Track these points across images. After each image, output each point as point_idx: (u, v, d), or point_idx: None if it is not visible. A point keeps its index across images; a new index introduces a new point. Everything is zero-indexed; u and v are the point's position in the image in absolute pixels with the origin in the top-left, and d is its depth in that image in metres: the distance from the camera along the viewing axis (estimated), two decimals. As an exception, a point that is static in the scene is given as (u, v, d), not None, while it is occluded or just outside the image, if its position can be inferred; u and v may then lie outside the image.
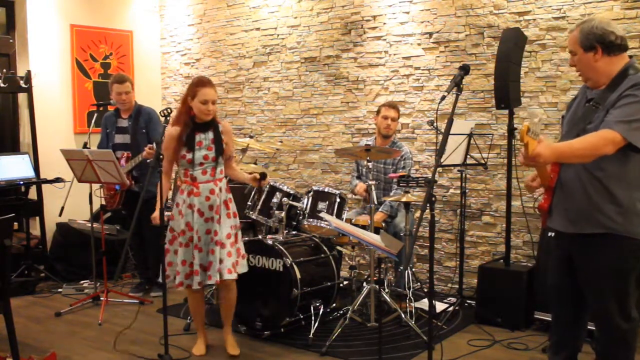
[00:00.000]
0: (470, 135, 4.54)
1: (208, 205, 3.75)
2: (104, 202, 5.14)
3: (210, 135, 3.76)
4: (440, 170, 5.20)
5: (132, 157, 4.97)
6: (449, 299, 4.90)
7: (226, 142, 3.83)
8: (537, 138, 2.47)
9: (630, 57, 2.73)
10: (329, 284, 4.37)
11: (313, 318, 4.17)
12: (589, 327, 2.98)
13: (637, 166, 2.61)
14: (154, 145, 4.40)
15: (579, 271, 2.77)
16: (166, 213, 5.07)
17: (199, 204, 3.76)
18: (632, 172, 2.62)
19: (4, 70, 5.81)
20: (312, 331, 4.10)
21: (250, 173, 4.02)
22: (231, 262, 3.78)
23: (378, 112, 4.96)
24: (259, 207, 4.49)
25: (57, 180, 5.56)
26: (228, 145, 3.86)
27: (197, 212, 3.75)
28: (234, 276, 3.79)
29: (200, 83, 3.71)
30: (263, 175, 3.99)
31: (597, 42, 2.65)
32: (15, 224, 5.70)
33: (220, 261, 3.74)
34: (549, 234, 3.21)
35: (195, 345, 4.00)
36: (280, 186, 4.53)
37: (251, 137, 5.17)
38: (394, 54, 5.51)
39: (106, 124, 5.25)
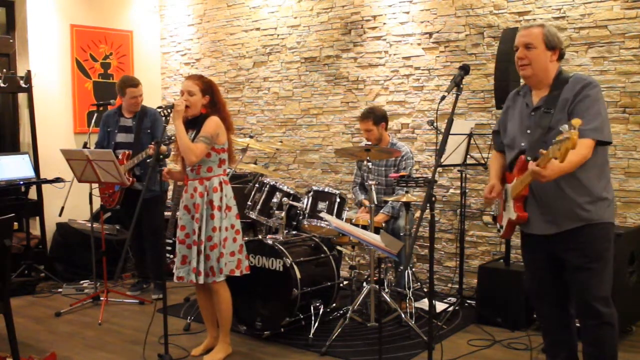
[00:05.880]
0: (470, 135, 4.54)
1: (193, 202, 3.75)
2: (100, 201, 5.14)
3: (194, 133, 3.74)
4: (440, 170, 5.20)
5: (133, 156, 4.99)
6: (449, 299, 4.90)
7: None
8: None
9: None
10: (329, 284, 4.37)
11: (313, 318, 4.17)
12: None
13: (601, 155, 2.78)
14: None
15: (564, 266, 2.87)
16: (166, 213, 5.11)
17: (186, 200, 3.78)
18: (597, 161, 2.76)
19: (4, 70, 5.81)
20: (312, 331, 4.10)
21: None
22: (205, 265, 3.67)
23: None
24: (259, 207, 4.48)
25: (57, 180, 5.56)
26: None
27: (184, 207, 3.78)
28: (199, 280, 3.67)
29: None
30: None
31: (558, 46, 2.82)
32: (15, 224, 5.70)
33: (190, 262, 3.70)
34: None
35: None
36: (280, 186, 4.52)
37: (251, 137, 5.17)
38: (394, 54, 5.51)
39: (107, 123, 5.24)
